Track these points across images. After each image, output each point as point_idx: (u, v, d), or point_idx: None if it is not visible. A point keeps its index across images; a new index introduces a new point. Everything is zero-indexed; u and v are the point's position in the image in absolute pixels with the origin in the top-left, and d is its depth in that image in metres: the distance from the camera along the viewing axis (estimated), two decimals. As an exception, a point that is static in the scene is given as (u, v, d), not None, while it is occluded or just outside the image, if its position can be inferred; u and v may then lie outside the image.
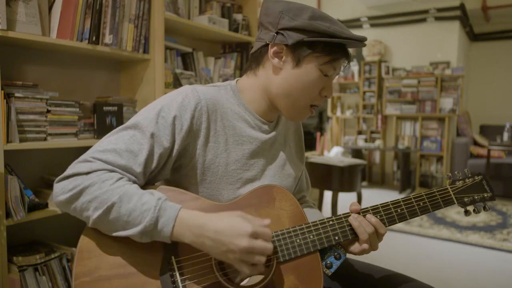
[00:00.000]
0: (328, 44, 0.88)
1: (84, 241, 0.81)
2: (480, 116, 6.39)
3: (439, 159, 5.42)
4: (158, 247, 0.82)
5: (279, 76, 0.92)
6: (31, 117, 1.52)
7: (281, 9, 0.90)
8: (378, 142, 5.51)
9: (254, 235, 0.76)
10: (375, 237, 0.90)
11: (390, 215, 0.92)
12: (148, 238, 0.78)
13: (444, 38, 5.50)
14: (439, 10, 5.40)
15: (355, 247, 0.91)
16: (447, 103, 5.26)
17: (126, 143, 0.82)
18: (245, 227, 0.76)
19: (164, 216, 0.77)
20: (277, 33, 0.90)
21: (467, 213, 0.97)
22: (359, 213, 0.92)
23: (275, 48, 0.91)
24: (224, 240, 0.75)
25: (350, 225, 0.91)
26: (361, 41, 0.90)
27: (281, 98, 0.94)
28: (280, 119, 1.04)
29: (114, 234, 0.78)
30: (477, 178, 0.99)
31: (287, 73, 0.91)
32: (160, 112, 0.85)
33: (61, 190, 0.78)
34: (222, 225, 0.76)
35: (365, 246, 0.89)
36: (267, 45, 0.92)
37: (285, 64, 0.91)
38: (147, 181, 0.88)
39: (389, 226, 0.92)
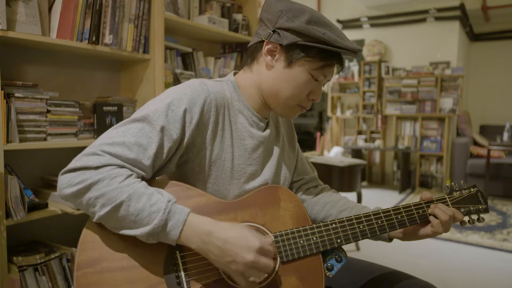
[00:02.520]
0: (322, 51, 0.88)
1: (88, 232, 0.80)
2: (480, 116, 6.40)
3: (439, 159, 5.42)
4: (163, 242, 0.81)
5: (270, 73, 0.93)
6: (31, 117, 1.52)
7: (282, 8, 0.90)
8: (378, 142, 5.51)
9: (260, 251, 0.77)
10: (450, 223, 0.94)
11: (390, 221, 0.93)
12: (154, 240, 0.78)
13: (444, 38, 5.51)
14: (439, 10, 5.41)
15: (425, 229, 0.94)
16: (447, 103, 5.26)
17: (135, 136, 0.81)
18: (253, 242, 0.76)
19: (173, 219, 0.77)
20: (274, 31, 0.91)
21: (462, 223, 0.99)
22: (432, 201, 0.96)
23: (269, 46, 0.92)
24: (232, 250, 0.76)
25: (353, 228, 0.91)
26: (354, 52, 0.89)
27: (270, 96, 0.95)
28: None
29: (120, 232, 0.78)
30: (472, 190, 1.02)
31: (278, 72, 0.92)
32: (170, 105, 0.84)
33: (67, 182, 0.77)
34: (231, 235, 0.77)
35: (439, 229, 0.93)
36: (262, 41, 0.93)
37: (277, 63, 0.92)
38: (152, 175, 0.88)
39: (389, 231, 0.94)
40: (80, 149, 1.40)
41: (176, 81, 2.13)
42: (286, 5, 0.90)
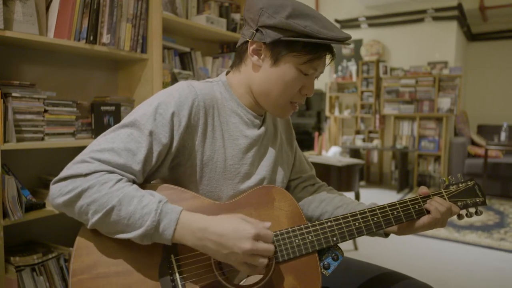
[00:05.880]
0: (306, 44, 0.86)
1: (82, 238, 0.80)
2: (478, 116, 6.41)
3: (437, 158, 5.43)
4: (157, 246, 0.82)
5: (258, 74, 0.92)
6: (29, 116, 1.51)
7: (262, 6, 0.87)
8: (376, 142, 5.51)
9: (257, 237, 0.77)
10: (447, 216, 0.93)
11: (386, 217, 0.93)
12: (149, 241, 0.78)
13: (442, 38, 5.52)
14: (437, 10, 5.41)
15: (423, 220, 0.93)
16: (444, 103, 5.27)
17: (124, 142, 0.81)
18: (248, 230, 0.76)
19: (166, 219, 0.77)
20: (257, 30, 0.89)
21: (459, 216, 0.99)
22: (428, 196, 0.96)
23: (254, 45, 0.90)
24: (227, 243, 0.76)
25: (349, 226, 0.91)
26: (341, 42, 0.86)
27: (261, 96, 0.94)
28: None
29: (115, 236, 0.78)
30: (470, 183, 1.01)
31: (265, 71, 0.91)
32: (157, 109, 0.84)
33: (58, 192, 0.77)
34: (225, 228, 0.76)
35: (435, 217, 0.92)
36: (248, 42, 0.91)
37: (264, 62, 0.91)
38: (145, 180, 0.88)
39: (386, 228, 0.93)
40: (77, 149, 1.39)
41: (174, 80, 2.12)
42: (266, 2, 0.87)
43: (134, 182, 0.83)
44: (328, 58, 0.92)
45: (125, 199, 0.76)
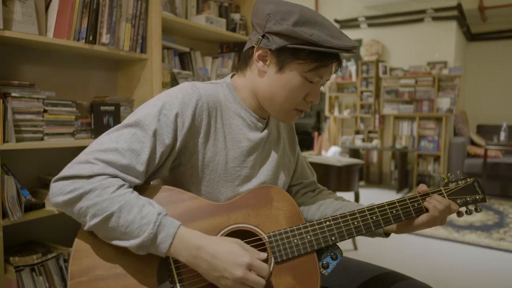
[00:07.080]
0: (312, 52, 0.85)
1: (81, 240, 0.80)
2: (477, 116, 6.42)
3: (437, 158, 5.43)
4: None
5: (263, 79, 0.92)
6: (28, 116, 1.51)
7: (269, 12, 0.87)
8: (375, 142, 5.51)
9: (250, 267, 0.76)
10: (446, 213, 0.94)
11: (385, 216, 0.93)
12: (144, 252, 0.77)
13: (441, 38, 5.52)
14: (437, 10, 5.42)
15: (422, 218, 0.94)
16: (444, 103, 5.27)
17: (127, 142, 0.81)
18: (242, 257, 0.76)
19: (163, 232, 0.77)
20: (263, 36, 0.89)
21: (459, 214, 0.99)
22: (427, 194, 0.96)
23: (260, 51, 0.90)
24: (220, 265, 0.75)
25: (348, 225, 0.91)
26: (347, 51, 0.85)
27: (265, 101, 0.94)
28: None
29: (111, 242, 0.78)
30: (469, 180, 1.01)
31: (270, 78, 0.90)
32: (161, 110, 0.84)
33: (59, 190, 0.77)
34: (219, 250, 0.76)
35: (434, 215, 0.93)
36: (253, 47, 0.91)
37: (269, 68, 0.90)
38: (145, 180, 0.88)
39: (385, 226, 0.93)
40: (77, 149, 1.39)
41: (174, 80, 2.12)
42: (274, 8, 0.87)
43: (136, 184, 0.83)
44: (334, 66, 0.91)
45: (126, 207, 0.76)
